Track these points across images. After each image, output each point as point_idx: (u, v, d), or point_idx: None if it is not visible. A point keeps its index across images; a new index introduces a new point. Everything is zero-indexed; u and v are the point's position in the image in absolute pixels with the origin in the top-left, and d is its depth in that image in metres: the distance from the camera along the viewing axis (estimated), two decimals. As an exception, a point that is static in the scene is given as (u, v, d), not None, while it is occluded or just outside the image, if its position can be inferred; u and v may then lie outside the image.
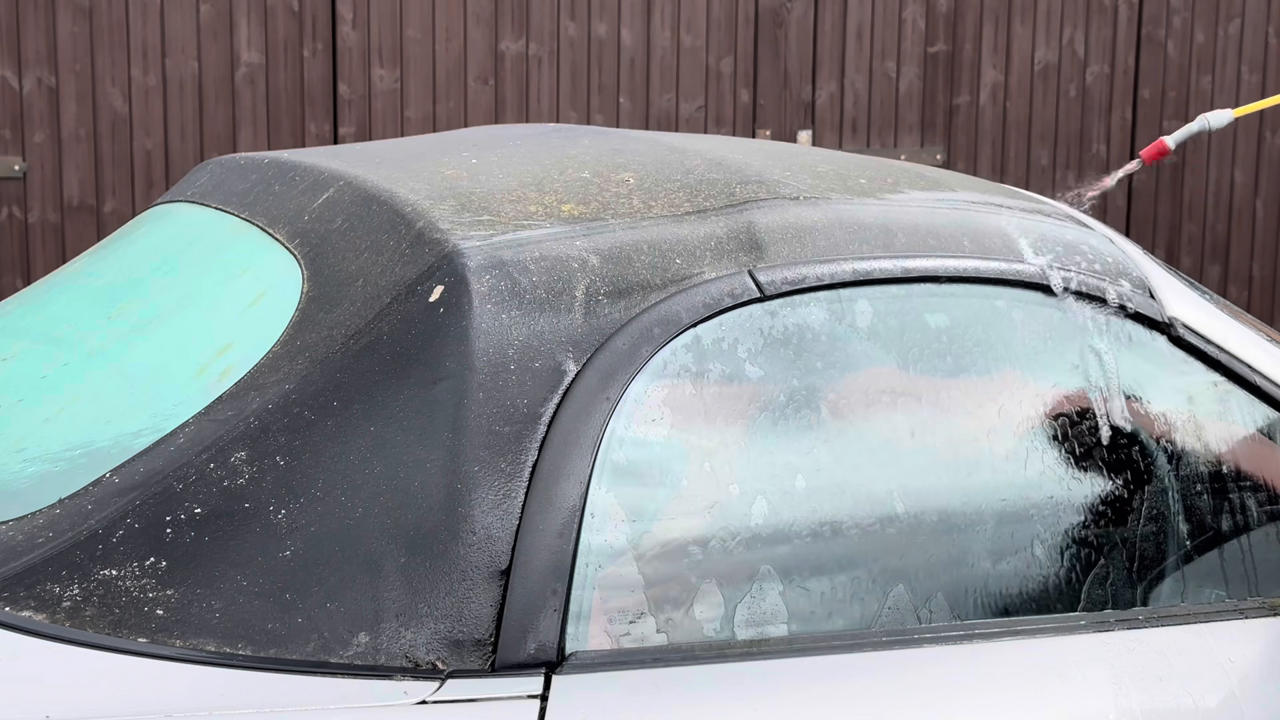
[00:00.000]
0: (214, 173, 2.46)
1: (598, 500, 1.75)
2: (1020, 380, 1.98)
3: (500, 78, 6.31)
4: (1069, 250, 2.04)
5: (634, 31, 6.44)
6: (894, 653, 1.83)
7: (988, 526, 1.92)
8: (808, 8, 6.60)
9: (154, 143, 5.98)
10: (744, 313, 1.85)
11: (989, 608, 1.91)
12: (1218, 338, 2.08)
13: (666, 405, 1.80)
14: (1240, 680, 1.93)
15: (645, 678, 1.74)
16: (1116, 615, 1.95)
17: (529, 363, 1.75)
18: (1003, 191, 2.29)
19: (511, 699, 1.68)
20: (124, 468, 1.75)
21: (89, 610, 1.63)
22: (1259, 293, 7.03)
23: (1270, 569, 2.05)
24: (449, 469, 1.70)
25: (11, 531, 1.71)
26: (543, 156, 2.22)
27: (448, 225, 1.86)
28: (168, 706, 1.60)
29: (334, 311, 1.84)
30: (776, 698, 1.76)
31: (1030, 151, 6.83)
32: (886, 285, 1.93)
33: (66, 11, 5.87)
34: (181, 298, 2.13)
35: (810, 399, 1.86)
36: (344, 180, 2.09)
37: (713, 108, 6.54)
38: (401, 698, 1.65)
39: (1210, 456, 2.05)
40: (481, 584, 1.69)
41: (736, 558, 1.82)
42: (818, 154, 2.39)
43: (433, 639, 1.67)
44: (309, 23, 6.11)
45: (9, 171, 5.88)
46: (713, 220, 1.91)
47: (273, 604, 1.66)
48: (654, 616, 1.78)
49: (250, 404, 1.76)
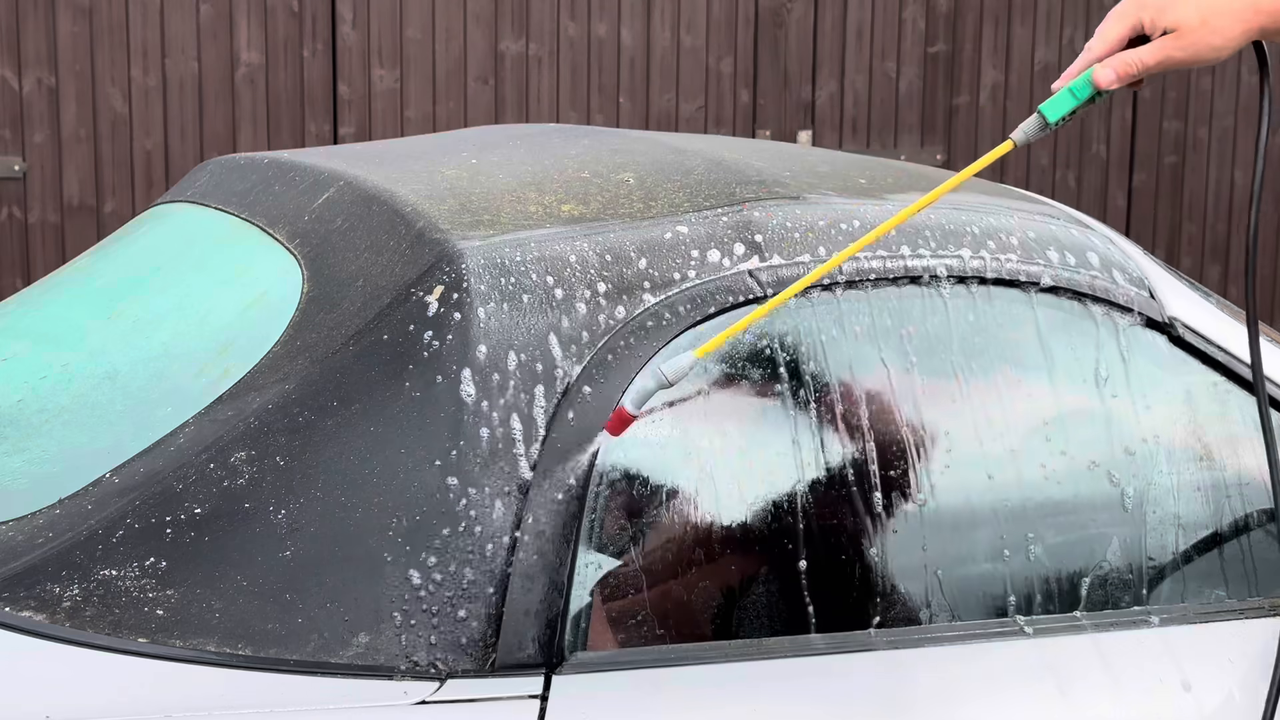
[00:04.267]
0: (214, 173, 2.46)
1: (598, 501, 1.75)
2: (1020, 380, 1.97)
3: (500, 78, 6.31)
4: (1069, 250, 2.04)
5: (634, 31, 6.44)
6: (894, 653, 1.83)
7: (986, 526, 1.92)
8: (808, 8, 6.60)
9: (154, 143, 5.98)
10: (744, 312, 1.85)
11: (985, 610, 1.91)
12: (1218, 338, 2.08)
13: (666, 406, 1.80)
14: (1240, 680, 1.94)
15: (645, 678, 1.74)
16: (1116, 615, 1.95)
17: (529, 363, 1.75)
18: (1003, 192, 2.29)
19: (511, 699, 1.68)
20: (124, 468, 1.75)
21: (89, 610, 1.63)
22: (1259, 293, 7.03)
23: (1270, 569, 2.05)
24: (448, 469, 1.70)
25: (11, 531, 1.71)
26: (543, 156, 2.22)
27: (448, 225, 1.86)
28: (168, 706, 1.60)
29: (334, 311, 1.84)
30: (777, 698, 1.76)
31: (1030, 151, 6.83)
32: (886, 285, 1.93)
33: (66, 11, 5.87)
34: (181, 298, 2.13)
35: (810, 399, 1.86)
36: (344, 180, 2.09)
37: (713, 108, 6.54)
38: (401, 698, 1.65)
39: (1210, 456, 2.05)
40: (481, 584, 1.69)
41: (737, 558, 1.82)
42: (818, 154, 2.39)
43: (432, 639, 1.67)
44: (309, 23, 6.11)
45: (9, 171, 5.88)
46: (712, 220, 1.91)
47: (273, 604, 1.66)
48: (654, 617, 1.78)
49: (250, 404, 1.76)
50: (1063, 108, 1.72)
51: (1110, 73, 1.69)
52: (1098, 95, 1.71)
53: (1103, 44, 1.72)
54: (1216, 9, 1.68)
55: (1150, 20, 1.69)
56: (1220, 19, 1.68)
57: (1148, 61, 1.70)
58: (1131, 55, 1.70)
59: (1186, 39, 1.68)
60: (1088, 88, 1.71)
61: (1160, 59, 1.69)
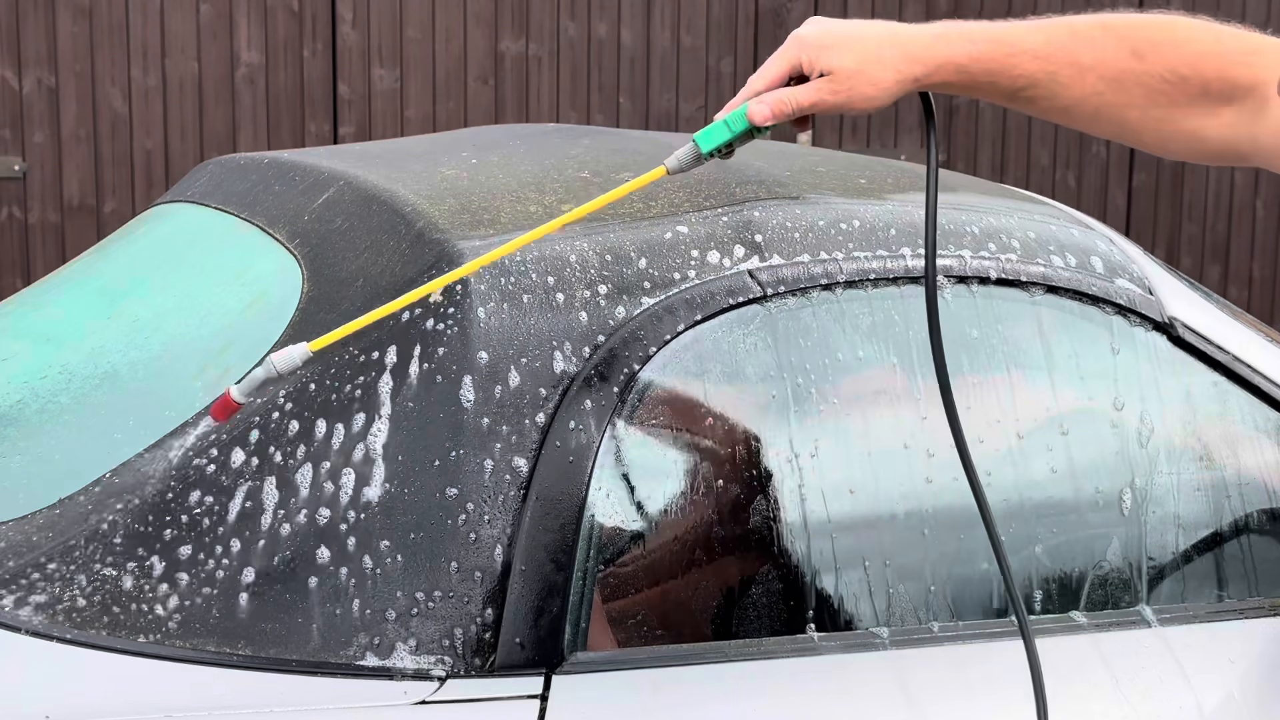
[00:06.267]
0: (214, 173, 2.46)
1: (597, 501, 1.75)
2: (1020, 380, 1.97)
3: (500, 78, 6.31)
4: (1070, 250, 2.04)
5: (634, 31, 6.44)
6: (897, 652, 1.83)
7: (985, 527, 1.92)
8: (808, 8, 6.60)
9: (154, 143, 5.98)
10: (744, 313, 1.85)
11: (981, 612, 1.91)
12: (1218, 338, 2.08)
13: (666, 405, 1.81)
14: (1240, 680, 1.94)
15: (645, 678, 1.74)
16: (1115, 615, 1.95)
17: (529, 363, 1.75)
18: (1003, 192, 2.29)
19: (511, 699, 1.68)
20: (124, 468, 1.75)
21: (89, 610, 1.64)
22: (1259, 293, 7.03)
23: (1270, 569, 2.05)
24: (448, 469, 1.70)
25: (11, 531, 1.71)
26: (543, 156, 2.22)
27: (448, 225, 1.86)
28: (168, 706, 1.60)
29: (334, 311, 1.84)
30: (777, 698, 1.76)
31: (1030, 151, 6.83)
32: (886, 285, 1.93)
33: (66, 11, 5.87)
34: (181, 298, 2.13)
35: (810, 399, 1.86)
36: (344, 180, 2.09)
37: (713, 108, 6.54)
38: (401, 698, 1.65)
39: (1210, 456, 2.06)
40: (481, 584, 1.69)
41: (737, 558, 1.82)
42: (818, 154, 2.39)
43: (433, 639, 1.67)
44: (309, 23, 6.11)
45: (9, 171, 5.88)
46: (712, 220, 1.91)
47: (273, 604, 1.66)
48: (654, 617, 1.78)
49: (250, 404, 1.76)
50: (717, 139, 1.70)
51: (765, 109, 1.68)
52: (756, 131, 1.70)
53: (762, 80, 1.70)
54: (872, 58, 1.67)
55: (809, 61, 1.68)
56: (875, 68, 1.67)
57: (802, 102, 1.68)
58: (787, 94, 1.68)
59: (841, 84, 1.67)
60: (743, 121, 1.69)
61: (814, 101, 1.67)
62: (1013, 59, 1.68)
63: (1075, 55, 1.68)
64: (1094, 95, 1.69)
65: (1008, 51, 1.68)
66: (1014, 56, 1.68)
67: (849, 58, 1.67)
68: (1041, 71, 1.68)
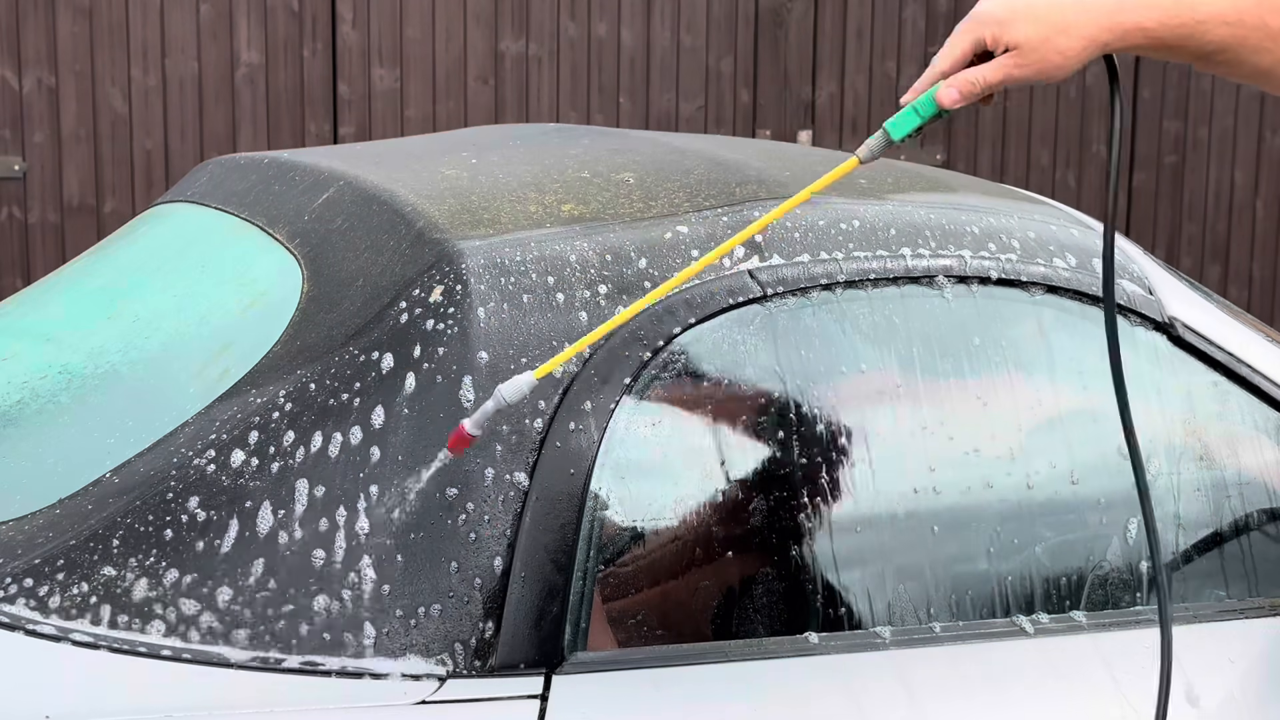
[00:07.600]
0: (214, 173, 2.46)
1: (597, 501, 1.75)
2: (1021, 380, 1.97)
3: (500, 78, 6.31)
4: (1070, 250, 2.04)
5: (634, 31, 6.43)
6: (899, 652, 1.83)
7: (983, 527, 1.92)
8: (808, 8, 6.60)
9: (154, 143, 5.98)
10: (744, 312, 1.85)
11: (985, 610, 1.91)
12: (1218, 338, 2.08)
13: (666, 405, 1.81)
14: (1240, 680, 1.94)
15: (645, 678, 1.74)
16: (1115, 615, 1.95)
17: (529, 363, 1.75)
18: (1003, 192, 2.29)
19: (511, 699, 1.68)
20: (124, 468, 1.75)
21: (89, 610, 1.64)
22: (1259, 293, 7.03)
23: (1270, 569, 2.05)
24: (449, 469, 1.70)
25: (11, 531, 1.71)
26: (543, 156, 2.22)
27: (448, 225, 1.86)
28: (168, 706, 1.60)
29: (334, 311, 1.84)
30: (776, 698, 1.76)
31: (1030, 151, 6.84)
32: (886, 285, 1.93)
33: (66, 11, 5.87)
34: (181, 298, 2.13)
35: (810, 399, 1.86)
36: (344, 180, 2.09)
37: (713, 108, 6.54)
38: (401, 698, 1.65)
39: (1209, 456, 2.05)
40: (481, 584, 1.69)
41: (737, 558, 1.82)
42: (817, 154, 2.39)
43: (433, 639, 1.67)
44: (309, 23, 6.11)
45: (9, 171, 5.88)
46: (713, 220, 1.91)
47: (273, 604, 1.66)
48: (654, 617, 1.78)
49: (250, 404, 1.76)
50: (907, 125, 1.70)
51: (954, 92, 1.68)
52: (942, 113, 1.70)
53: (947, 61, 1.70)
54: (1057, 27, 1.65)
55: (992, 37, 1.67)
56: (1061, 38, 1.65)
57: (990, 80, 1.67)
58: (974, 74, 1.67)
59: (1029, 57, 1.66)
60: (932, 105, 1.69)
61: (1002, 77, 1.67)
62: (1202, 25, 1.66)
63: (1265, 19, 1.67)
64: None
65: (1196, 18, 1.66)
66: (1203, 24, 1.66)
67: (1033, 29, 1.65)
68: (1232, 36, 1.66)
